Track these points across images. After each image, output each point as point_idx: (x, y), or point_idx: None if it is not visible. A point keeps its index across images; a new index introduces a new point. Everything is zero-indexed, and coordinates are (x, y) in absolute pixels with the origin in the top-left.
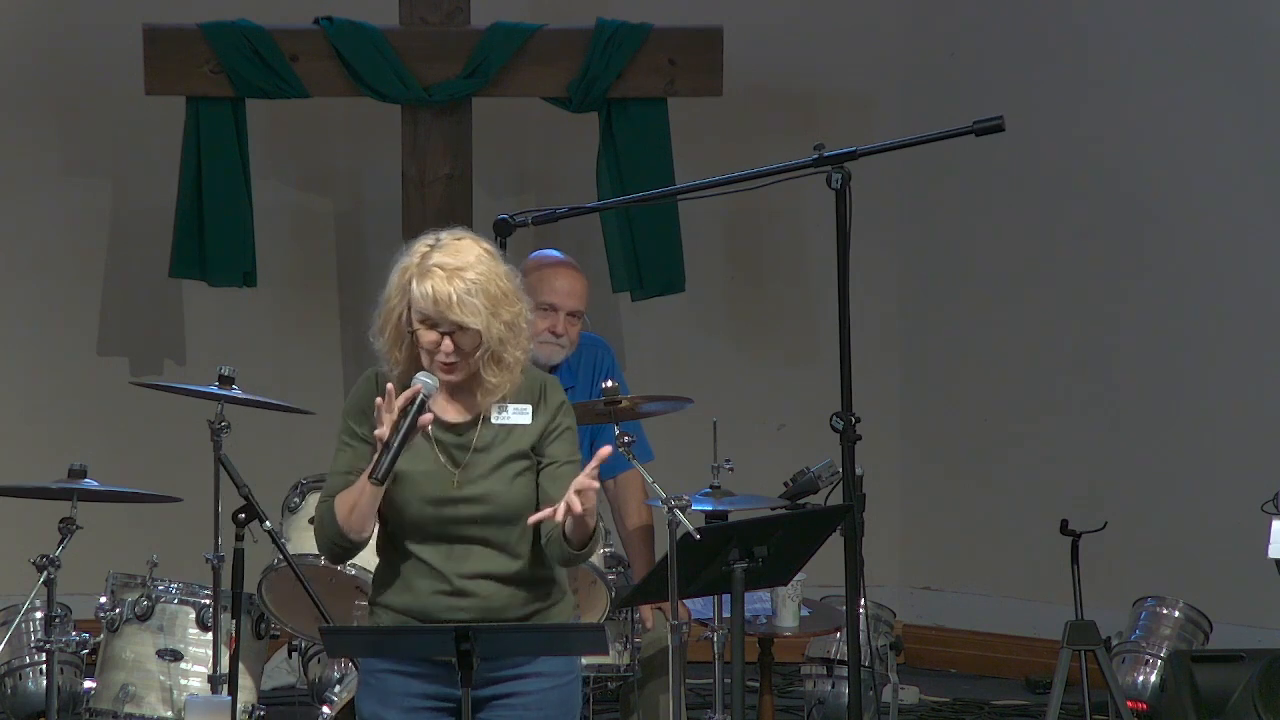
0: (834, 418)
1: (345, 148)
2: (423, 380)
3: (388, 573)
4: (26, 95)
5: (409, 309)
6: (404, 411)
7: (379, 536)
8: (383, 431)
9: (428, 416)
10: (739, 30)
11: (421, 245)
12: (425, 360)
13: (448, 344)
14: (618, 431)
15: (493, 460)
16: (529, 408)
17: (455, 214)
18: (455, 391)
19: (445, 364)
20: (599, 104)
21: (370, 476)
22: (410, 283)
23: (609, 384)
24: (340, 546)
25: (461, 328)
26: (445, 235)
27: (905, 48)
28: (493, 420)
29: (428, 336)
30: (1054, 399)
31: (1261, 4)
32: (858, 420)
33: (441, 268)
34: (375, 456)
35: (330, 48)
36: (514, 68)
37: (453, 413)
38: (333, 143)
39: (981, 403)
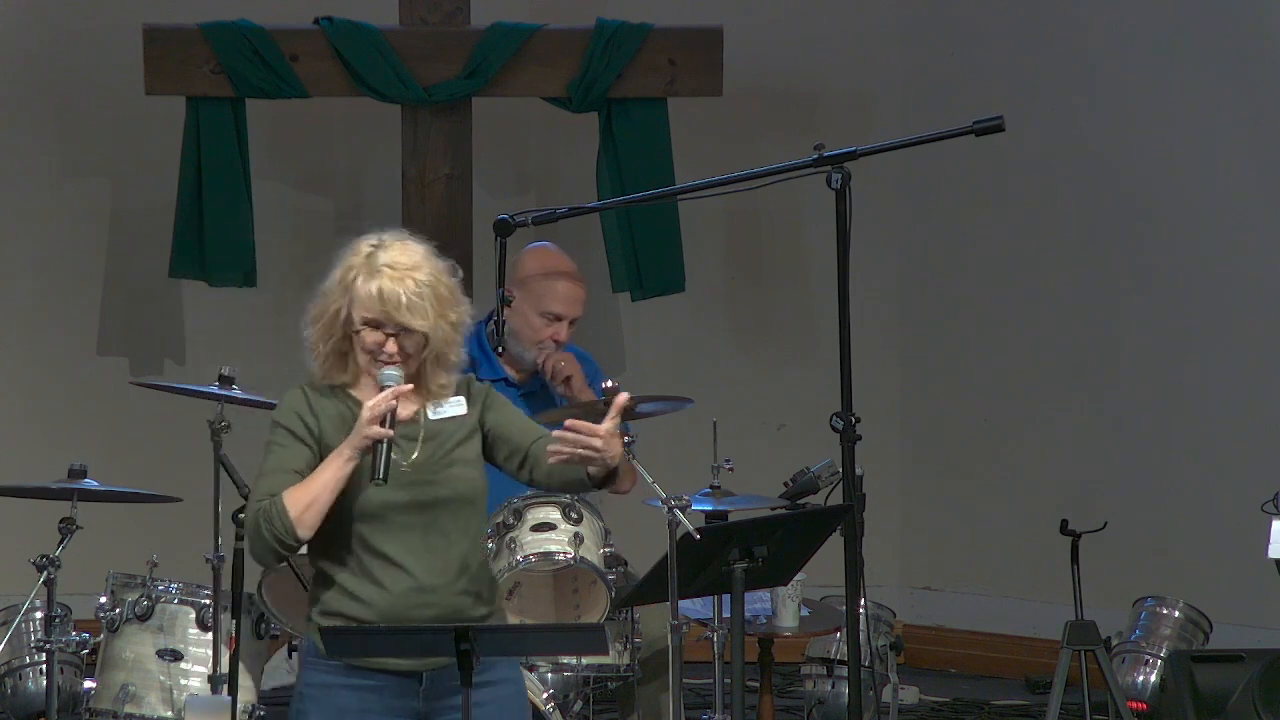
0: (834, 418)
1: (345, 148)
2: (391, 375)
3: (341, 577)
4: (26, 95)
5: (350, 306)
6: (384, 418)
7: (321, 546)
8: (376, 431)
9: (404, 413)
10: (739, 30)
11: (365, 245)
12: (364, 360)
13: (391, 346)
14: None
15: (443, 448)
16: (462, 399)
17: (455, 214)
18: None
19: (389, 364)
20: (599, 104)
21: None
22: (355, 281)
23: (609, 384)
24: (286, 546)
25: (407, 329)
26: (389, 236)
27: (905, 48)
28: (430, 416)
29: (371, 337)
30: (1054, 399)
31: (1261, 4)
32: (858, 420)
33: (391, 267)
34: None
35: (330, 48)
36: (514, 68)
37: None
38: (333, 143)
39: (981, 403)
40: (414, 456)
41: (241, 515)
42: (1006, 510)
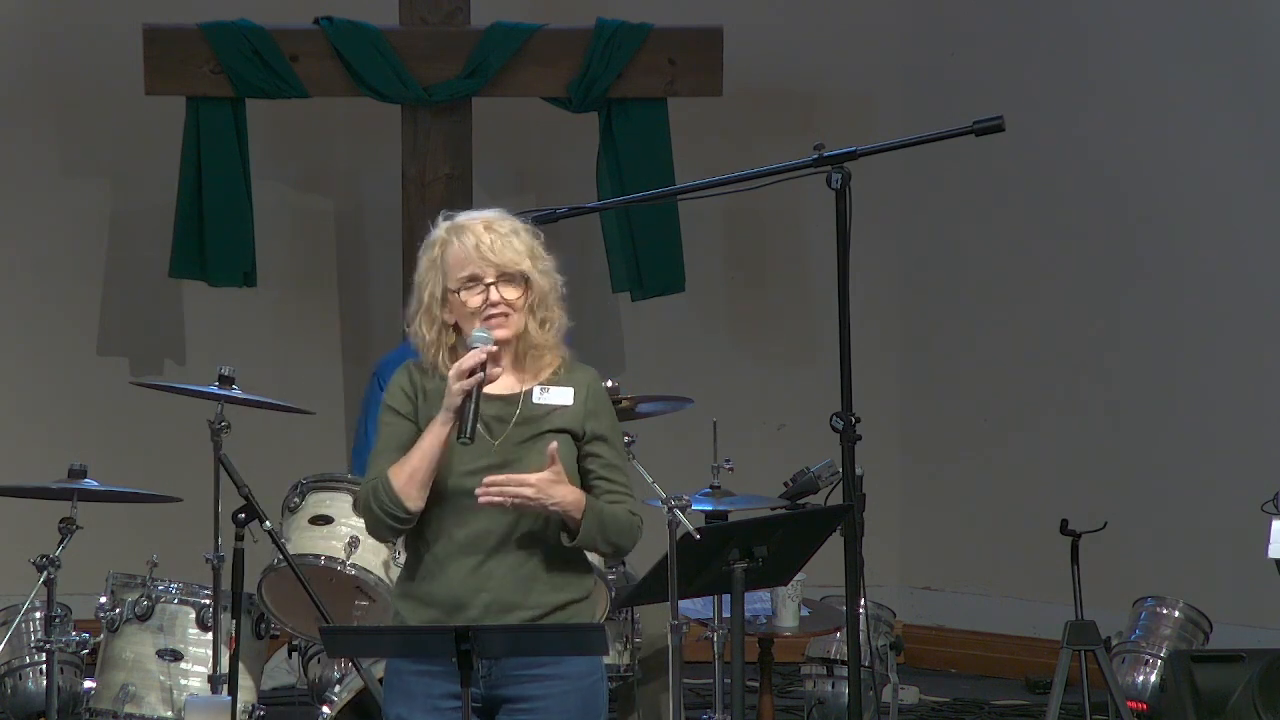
0: (834, 418)
1: (345, 148)
2: (479, 337)
3: (415, 559)
4: (26, 95)
5: (445, 280)
6: (471, 371)
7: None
8: (453, 400)
9: (496, 370)
10: (739, 30)
11: (441, 222)
12: (469, 329)
13: (494, 293)
14: None
15: (532, 432)
16: (571, 390)
17: None
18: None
19: (496, 316)
20: (599, 104)
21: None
22: (443, 253)
23: (609, 384)
24: (394, 517)
25: (507, 274)
26: (459, 215)
27: (905, 48)
28: (535, 400)
29: (475, 297)
30: (1054, 399)
31: (1260, 5)
32: (858, 420)
33: (476, 221)
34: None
35: (330, 48)
36: (514, 68)
37: (497, 386)
38: (333, 143)
39: (981, 403)
40: (505, 434)
41: (241, 515)
42: (1006, 510)
